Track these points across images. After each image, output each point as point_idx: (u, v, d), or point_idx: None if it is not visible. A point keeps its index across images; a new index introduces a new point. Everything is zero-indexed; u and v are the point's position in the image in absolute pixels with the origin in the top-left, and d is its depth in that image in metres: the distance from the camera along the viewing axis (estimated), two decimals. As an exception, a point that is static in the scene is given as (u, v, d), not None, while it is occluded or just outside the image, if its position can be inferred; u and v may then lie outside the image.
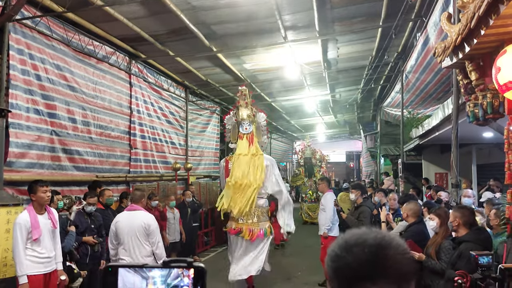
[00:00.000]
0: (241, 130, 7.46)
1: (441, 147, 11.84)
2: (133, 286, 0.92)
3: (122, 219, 5.23)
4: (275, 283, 8.31)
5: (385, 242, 0.94)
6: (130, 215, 5.22)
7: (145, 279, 0.92)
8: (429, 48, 7.71)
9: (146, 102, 9.92)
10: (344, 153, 36.33)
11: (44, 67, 6.67)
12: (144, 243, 5.09)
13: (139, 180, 9.37)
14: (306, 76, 12.33)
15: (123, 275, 0.93)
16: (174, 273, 0.92)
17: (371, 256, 0.91)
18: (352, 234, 0.98)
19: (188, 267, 0.92)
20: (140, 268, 0.93)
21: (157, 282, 0.92)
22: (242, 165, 7.15)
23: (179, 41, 8.84)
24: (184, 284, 0.92)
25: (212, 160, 14.64)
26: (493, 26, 3.38)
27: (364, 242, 0.93)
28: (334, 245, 0.98)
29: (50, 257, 4.89)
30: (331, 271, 0.95)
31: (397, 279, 0.91)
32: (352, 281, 0.91)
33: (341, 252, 0.94)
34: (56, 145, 6.92)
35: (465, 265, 3.73)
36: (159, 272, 0.92)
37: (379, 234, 0.96)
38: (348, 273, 0.91)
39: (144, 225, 5.08)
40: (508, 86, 3.48)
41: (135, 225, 5.09)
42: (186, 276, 0.92)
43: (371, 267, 0.90)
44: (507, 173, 4.34)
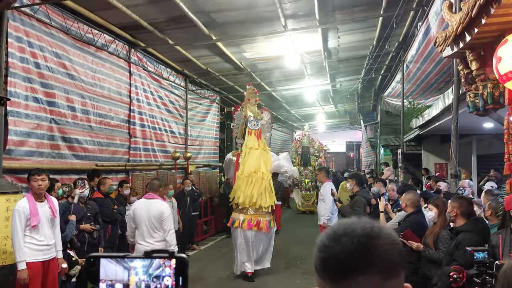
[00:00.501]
0: (250, 126, 8.17)
1: (441, 138, 11.83)
2: (115, 276, 0.92)
3: (139, 205, 5.60)
4: (274, 272, 8.36)
5: (374, 232, 0.91)
6: (147, 203, 5.55)
7: (127, 269, 0.92)
8: (430, 37, 7.66)
9: (145, 90, 9.88)
10: (344, 143, 36.32)
11: (43, 55, 6.63)
12: (157, 230, 5.43)
13: (138, 168, 9.37)
14: (306, 65, 12.28)
15: (104, 265, 0.93)
16: (156, 263, 0.92)
17: (359, 246, 0.89)
18: (340, 224, 0.96)
19: (170, 258, 0.91)
20: (122, 259, 0.93)
21: (139, 272, 0.92)
22: (254, 159, 7.86)
23: (178, 30, 8.79)
24: (166, 274, 0.92)
25: (211, 150, 14.64)
26: (494, 15, 3.36)
27: (353, 232, 0.91)
28: (323, 235, 0.95)
29: (49, 245, 4.92)
30: (318, 262, 0.93)
31: (386, 270, 0.89)
32: (340, 271, 0.89)
33: (329, 242, 0.92)
34: (55, 133, 6.91)
35: (463, 255, 3.74)
36: (141, 262, 0.92)
37: (368, 224, 0.93)
38: (336, 264, 0.89)
39: (159, 213, 5.41)
40: (508, 76, 3.47)
41: (151, 212, 5.42)
42: (168, 266, 0.91)
43: (359, 257, 0.88)
44: (506, 163, 4.34)
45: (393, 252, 0.91)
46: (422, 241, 4.66)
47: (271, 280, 7.82)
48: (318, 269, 0.93)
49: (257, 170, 7.81)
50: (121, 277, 0.92)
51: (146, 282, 0.91)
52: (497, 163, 8.45)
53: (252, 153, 8.00)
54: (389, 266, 0.89)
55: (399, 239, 3.76)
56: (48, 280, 4.91)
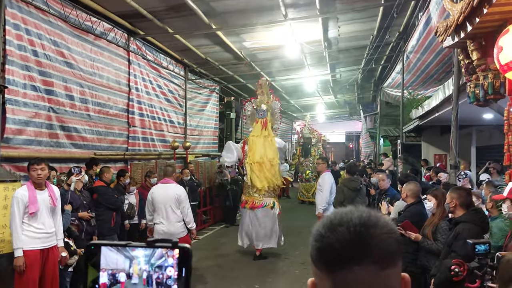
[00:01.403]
0: (257, 116, 8.85)
1: (441, 129, 11.81)
2: (116, 265, 0.90)
3: (157, 190, 6.32)
4: (272, 261, 8.39)
5: (370, 221, 0.90)
6: (164, 187, 6.29)
7: (128, 258, 0.90)
8: (431, 27, 7.61)
9: (144, 80, 9.84)
10: (343, 133, 36.30)
11: (41, 43, 6.58)
12: (175, 210, 6.16)
13: (137, 158, 9.36)
14: (306, 55, 12.22)
15: (105, 254, 0.90)
16: (158, 253, 0.89)
17: (355, 235, 0.87)
18: (337, 213, 0.94)
19: (173, 248, 0.89)
20: (123, 247, 0.90)
21: (141, 262, 0.89)
22: (257, 146, 8.58)
23: (178, 18, 8.73)
24: (168, 265, 0.89)
25: (211, 139, 14.63)
26: (496, 4, 3.32)
27: (349, 221, 0.89)
28: (319, 224, 0.94)
29: (48, 233, 4.91)
30: (314, 252, 0.91)
31: (383, 259, 0.87)
32: (336, 261, 0.87)
33: (325, 232, 0.90)
34: (53, 122, 6.88)
35: (462, 246, 3.74)
36: (143, 251, 0.89)
37: (364, 213, 0.92)
38: (332, 253, 0.88)
39: (176, 196, 6.17)
40: (509, 66, 3.44)
41: (168, 195, 6.17)
42: (171, 256, 0.89)
43: (355, 247, 0.87)
44: (506, 154, 4.33)
45: (390, 242, 0.89)
46: (420, 231, 4.66)
47: (269, 270, 7.85)
48: (314, 259, 0.92)
49: (263, 157, 8.55)
50: (122, 266, 0.89)
51: (148, 272, 0.89)
52: (496, 154, 8.43)
53: (254, 141, 8.70)
54: (386, 256, 0.87)
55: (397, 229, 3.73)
56: (47, 268, 4.92)
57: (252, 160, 8.55)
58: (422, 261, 4.63)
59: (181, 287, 0.89)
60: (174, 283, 0.89)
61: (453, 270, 2.79)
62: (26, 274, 4.69)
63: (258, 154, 8.54)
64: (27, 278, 4.71)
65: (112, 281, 0.90)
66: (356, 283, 0.86)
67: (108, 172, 7.00)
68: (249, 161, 8.57)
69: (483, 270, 2.57)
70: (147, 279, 0.89)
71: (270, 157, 8.58)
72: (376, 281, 0.86)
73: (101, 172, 6.99)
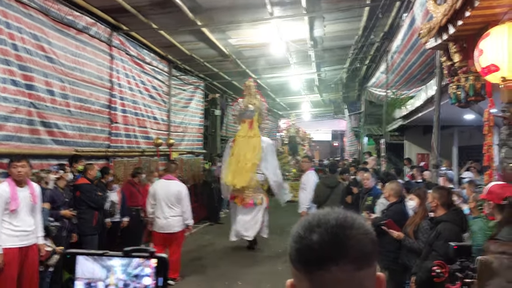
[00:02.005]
0: (244, 116, 9.14)
1: (424, 128, 11.94)
2: (93, 274, 0.89)
3: (160, 185, 6.78)
4: (257, 260, 8.40)
5: (347, 222, 0.92)
6: (166, 183, 6.75)
7: (105, 268, 0.89)
8: (415, 29, 7.67)
9: (127, 75, 9.72)
10: (328, 132, 36.44)
11: (21, 37, 6.43)
12: (175, 206, 6.59)
13: (120, 155, 9.26)
14: (292, 53, 12.22)
15: (81, 264, 0.89)
16: (135, 262, 0.89)
17: (333, 236, 0.90)
18: (315, 214, 0.96)
19: (150, 257, 0.89)
20: (99, 257, 0.89)
21: (118, 271, 0.89)
22: (242, 146, 8.78)
23: (162, 14, 8.64)
24: (145, 274, 0.89)
25: (195, 136, 14.54)
26: (478, 8, 3.36)
27: (327, 223, 0.92)
28: (298, 226, 0.96)
29: (26, 231, 4.85)
30: (294, 252, 0.93)
31: (359, 260, 0.89)
32: (314, 262, 0.89)
33: (303, 233, 0.93)
34: (34, 117, 6.75)
35: (442, 245, 3.78)
36: (120, 261, 0.89)
37: (341, 215, 0.94)
38: (311, 254, 0.90)
39: (177, 192, 6.64)
40: (490, 69, 3.48)
41: (170, 191, 6.62)
42: (148, 266, 0.89)
43: (333, 248, 0.89)
44: (486, 155, 4.39)
45: (366, 242, 0.92)
46: (402, 230, 4.71)
47: (253, 267, 7.85)
48: (293, 259, 0.94)
49: (243, 156, 8.69)
50: (99, 276, 0.89)
51: (125, 281, 0.88)
52: (477, 154, 8.56)
53: (240, 140, 8.96)
54: (362, 256, 0.90)
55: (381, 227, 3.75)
56: (26, 267, 4.85)
57: (232, 160, 8.82)
58: (403, 259, 4.68)
59: None
60: None
61: (434, 271, 2.81)
62: (4, 272, 4.62)
63: (239, 153, 8.79)
64: (5, 277, 4.64)
65: None
66: (333, 283, 0.88)
67: (92, 169, 6.94)
68: (230, 160, 8.88)
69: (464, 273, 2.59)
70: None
71: (249, 158, 8.68)
72: (353, 281, 0.89)
73: (85, 169, 6.91)
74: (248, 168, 8.59)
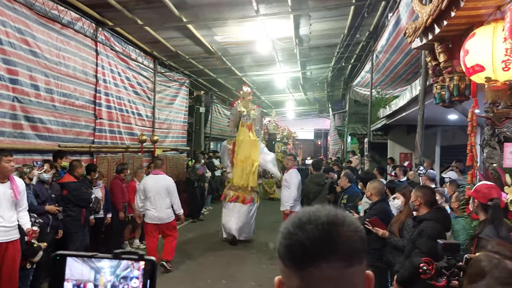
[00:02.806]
0: (243, 120, 9.83)
1: (407, 128, 12.08)
2: (81, 276, 0.89)
3: (149, 180, 7.29)
4: (242, 258, 8.40)
5: (338, 219, 0.93)
6: (155, 177, 7.28)
7: (93, 269, 0.89)
8: (400, 28, 7.75)
9: (112, 71, 9.62)
10: (312, 130, 36.60)
11: (5, 31, 6.31)
12: (165, 198, 7.12)
13: (103, 151, 9.16)
14: (277, 51, 12.24)
15: (70, 265, 0.89)
16: (124, 264, 0.89)
17: (323, 233, 0.90)
18: (305, 211, 0.97)
19: (139, 260, 0.89)
20: (88, 258, 0.89)
21: (106, 273, 0.89)
22: (246, 147, 9.57)
23: (148, 10, 8.57)
24: (134, 276, 0.89)
25: (180, 133, 14.46)
26: (464, 8, 3.40)
27: (317, 219, 0.92)
28: (287, 222, 0.96)
29: (7, 226, 4.76)
30: (282, 249, 0.93)
31: (349, 257, 0.90)
32: (304, 258, 0.89)
33: (294, 230, 0.92)
34: (18, 112, 6.63)
35: (425, 242, 3.83)
36: (108, 263, 0.89)
37: (332, 212, 0.95)
38: (300, 251, 0.90)
39: (166, 186, 7.18)
40: (475, 69, 3.53)
41: (159, 185, 7.13)
42: (136, 268, 0.89)
43: (323, 244, 0.89)
44: (469, 155, 4.46)
45: (356, 239, 0.92)
46: (388, 228, 4.76)
47: (237, 265, 7.85)
48: (282, 256, 0.93)
49: (248, 158, 9.52)
50: (87, 277, 0.89)
51: (113, 283, 0.89)
52: (460, 154, 8.68)
53: (244, 142, 9.66)
54: (352, 253, 0.90)
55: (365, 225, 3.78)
56: (5, 263, 4.75)
57: (237, 161, 9.57)
58: (387, 256, 4.73)
59: None
60: None
61: (421, 268, 2.85)
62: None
63: (243, 154, 9.55)
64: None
65: None
66: (323, 280, 0.88)
67: (80, 167, 6.90)
68: (235, 160, 9.61)
69: (451, 270, 2.63)
70: None
71: (253, 159, 9.56)
72: (343, 278, 0.89)
73: (72, 167, 6.82)
74: (254, 168, 9.53)
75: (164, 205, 7.11)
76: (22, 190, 5.02)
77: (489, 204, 3.40)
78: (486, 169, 4.19)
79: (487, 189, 3.50)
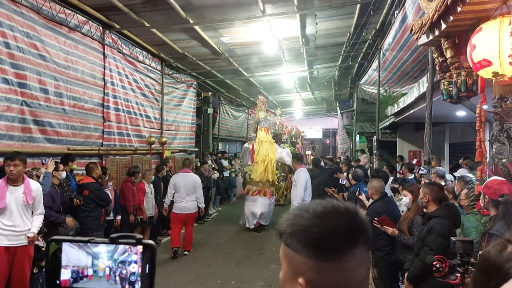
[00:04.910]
0: (261, 125, 11.56)
1: (416, 125, 12.01)
2: (78, 262, 0.88)
3: (179, 177, 8.59)
4: (248, 257, 8.41)
5: (354, 208, 0.99)
6: (184, 175, 8.61)
7: (90, 255, 0.88)
8: (407, 26, 7.71)
9: (120, 74, 9.68)
10: (320, 130, 36.49)
11: (13, 35, 6.39)
12: (191, 193, 8.42)
13: (112, 153, 9.22)
14: (284, 51, 12.23)
15: (66, 251, 0.89)
16: (121, 248, 0.88)
17: (350, 221, 0.95)
18: (320, 203, 1.00)
19: (136, 244, 0.88)
20: (84, 244, 0.89)
21: (103, 258, 0.88)
22: (265, 148, 11.14)
23: (155, 12, 8.62)
24: (132, 260, 0.88)
25: (188, 135, 14.51)
26: (470, 3, 3.38)
27: (338, 209, 0.97)
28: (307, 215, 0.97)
29: (17, 231, 4.77)
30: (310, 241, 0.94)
31: (369, 242, 0.97)
32: (337, 246, 0.93)
33: (321, 221, 0.95)
34: (26, 116, 6.70)
35: (434, 239, 3.81)
36: (105, 247, 0.88)
37: (343, 203, 1.00)
38: (333, 239, 0.93)
39: (193, 182, 8.50)
40: (482, 64, 3.51)
41: (188, 182, 8.45)
42: (134, 252, 0.88)
43: (352, 232, 0.94)
44: (477, 150, 4.42)
45: (370, 226, 1.00)
46: (397, 226, 4.74)
47: (246, 265, 7.86)
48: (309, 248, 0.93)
49: (267, 156, 11.04)
50: (85, 263, 0.88)
51: (111, 268, 0.88)
52: (468, 151, 8.63)
53: (263, 144, 11.18)
54: (370, 239, 0.98)
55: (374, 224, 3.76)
56: (15, 268, 4.76)
57: (258, 159, 11.03)
58: (398, 255, 4.71)
59: (145, 283, 0.88)
60: (138, 280, 0.88)
61: (434, 266, 2.84)
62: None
63: (264, 154, 11.03)
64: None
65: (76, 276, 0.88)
66: (358, 265, 0.94)
67: (97, 168, 7.08)
68: (256, 159, 11.08)
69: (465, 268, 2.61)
70: (110, 275, 0.88)
71: (271, 157, 11.14)
72: (368, 261, 0.97)
73: (90, 169, 6.99)
74: (272, 165, 11.16)
75: (190, 198, 8.38)
76: (37, 195, 4.99)
77: (499, 200, 3.37)
78: (495, 164, 4.16)
79: (498, 185, 3.47)
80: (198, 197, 8.53)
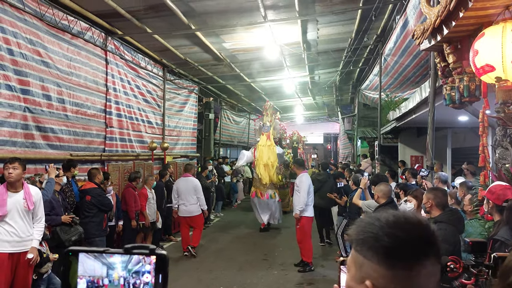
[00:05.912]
0: (263, 130, 12.04)
1: (418, 130, 12.00)
2: (94, 272, 0.90)
3: (181, 182, 9.06)
4: (251, 262, 8.39)
5: (426, 221, 1.01)
6: (186, 179, 9.03)
7: (105, 265, 0.90)
8: (408, 31, 7.72)
9: (122, 80, 9.71)
10: (322, 135, 36.46)
11: (16, 42, 6.42)
12: (193, 196, 8.82)
13: (114, 159, 9.24)
14: (285, 57, 12.26)
15: (83, 261, 0.90)
16: (135, 258, 0.90)
17: (423, 232, 0.98)
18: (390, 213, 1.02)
19: (150, 254, 0.90)
20: (100, 254, 0.90)
21: (118, 268, 0.90)
22: (264, 152, 11.65)
23: (157, 18, 8.66)
24: (145, 270, 0.90)
25: (189, 140, 14.53)
26: (472, 9, 3.39)
27: (410, 219, 0.99)
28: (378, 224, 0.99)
29: (21, 237, 4.72)
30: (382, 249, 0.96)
31: (439, 254, 0.99)
32: (412, 257, 0.95)
33: (395, 231, 0.97)
34: (29, 122, 6.72)
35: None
36: (120, 258, 0.90)
37: (410, 213, 1.04)
38: (408, 250, 0.95)
39: (194, 186, 8.90)
40: (485, 69, 3.51)
41: (189, 185, 8.88)
42: (148, 262, 0.90)
43: (425, 244, 0.97)
44: (481, 155, 4.42)
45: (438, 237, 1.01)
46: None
47: (248, 271, 7.84)
48: (379, 255, 0.96)
49: (268, 159, 11.56)
50: (100, 273, 0.89)
51: (126, 278, 0.89)
52: (471, 156, 8.59)
53: (261, 149, 11.71)
54: (440, 249, 0.99)
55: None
56: (17, 275, 4.71)
57: (260, 163, 11.55)
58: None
59: None
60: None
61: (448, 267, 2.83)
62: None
63: (265, 158, 11.55)
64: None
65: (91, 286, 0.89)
66: (427, 276, 0.96)
67: (99, 174, 7.10)
68: (258, 163, 11.60)
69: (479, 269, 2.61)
70: (124, 285, 0.89)
71: (272, 161, 11.59)
72: (437, 274, 0.98)
73: (92, 174, 7.01)
74: (273, 169, 11.61)
75: (192, 201, 8.80)
76: (37, 200, 4.93)
77: (504, 206, 3.37)
78: (498, 170, 4.16)
79: (502, 190, 3.47)
80: (200, 198, 8.90)
